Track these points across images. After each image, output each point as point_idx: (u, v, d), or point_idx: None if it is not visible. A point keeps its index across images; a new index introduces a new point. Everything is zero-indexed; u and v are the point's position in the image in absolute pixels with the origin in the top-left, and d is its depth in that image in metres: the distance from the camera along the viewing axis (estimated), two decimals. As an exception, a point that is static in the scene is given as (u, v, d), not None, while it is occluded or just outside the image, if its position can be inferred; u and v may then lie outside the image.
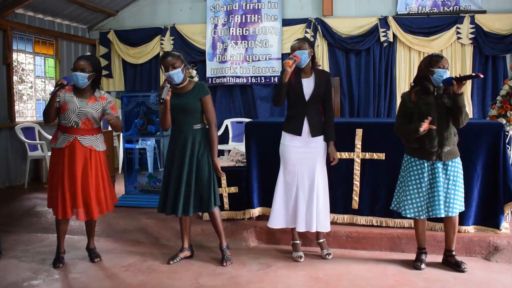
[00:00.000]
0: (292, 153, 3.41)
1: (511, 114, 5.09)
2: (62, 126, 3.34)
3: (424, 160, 3.20)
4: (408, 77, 6.77)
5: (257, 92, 7.22)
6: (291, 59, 3.20)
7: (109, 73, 7.76)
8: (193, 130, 3.35)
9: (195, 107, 3.34)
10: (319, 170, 3.42)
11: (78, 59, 3.33)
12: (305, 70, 3.39)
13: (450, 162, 3.17)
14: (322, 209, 3.45)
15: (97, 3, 7.12)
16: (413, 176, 3.24)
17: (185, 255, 3.54)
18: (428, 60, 3.17)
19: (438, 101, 3.12)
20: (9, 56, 6.08)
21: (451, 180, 3.17)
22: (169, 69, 3.26)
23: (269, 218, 3.52)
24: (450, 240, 3.30)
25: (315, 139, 3.41)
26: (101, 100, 3.42)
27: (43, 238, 4.13)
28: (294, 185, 3.42)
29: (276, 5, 7.10)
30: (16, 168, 6.25)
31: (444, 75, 3.06)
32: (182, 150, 3.33)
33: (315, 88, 3.37)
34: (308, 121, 3.37)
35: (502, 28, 6.39)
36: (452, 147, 3.16)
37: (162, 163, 4.97)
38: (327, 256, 3.53)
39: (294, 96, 3.38)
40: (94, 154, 3.38)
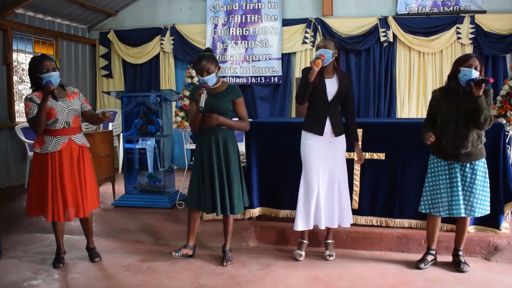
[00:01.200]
0: (314, 152, 3.39)
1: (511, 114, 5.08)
2: (52, 130, 3.26)
3: (442, 160, 3.20)
4: (408, 77, 6.78)
5: (257, 92, 7.22)
6: (319, 58, 3.17)
7: (109, 73, 7.76)
8: (221, 131, 3.36)
9: (226, 108, 3.36)
10: (340, 168, 3.44)
11: (43, 60, 3.23)
12: (327, 70, 3.37)
13: (469, 164, 3.13)
14: (345, 205, 3.47)
15: (97, 3, 7.12)
16: (431, 174, 3.26)
17: (187, 252, 3.53)
18: (458, 58, 3.15)
19: (461, 101, 3.07)
20: (9, 56, 6.08)
21: (467, 182, 3.14)
22: (204, 74, 3.26)
23: (295, 221, 3.47)
24: (459, 239, 3.31)
25: (337, 138, 3.42)
26: (75, 95, 3.42)
27: (43, 238, 4.13)
28: (316, 184, 3.40)
29: (276, 5, 7.10)
30: (16, 168, 6.25)
31: (469, 74, 2.98)
32: (210, 149, 3.34)
33: (339, 89, 3.37)
34: (330, 121, 3.37)
35: (502, 28, 6.39)
36: (471, 149, 3.09)
37: (162, 163, 4.97)
38: (329, 257, 3.53)
39: (316, 96, 3.36)
40: (85, 150, 3.40)
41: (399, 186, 3.84)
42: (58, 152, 3.26)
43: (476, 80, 2.94)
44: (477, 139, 3.11)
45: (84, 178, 3.35)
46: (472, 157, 3.12)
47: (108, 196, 5.28)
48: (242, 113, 3.44)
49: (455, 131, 3.07)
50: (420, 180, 3.48)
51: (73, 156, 3.30)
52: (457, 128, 3.07)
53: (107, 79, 7.82)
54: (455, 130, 3.07)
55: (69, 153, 3.29)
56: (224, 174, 3.34)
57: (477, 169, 3.14)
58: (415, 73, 6.76)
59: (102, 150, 4.95)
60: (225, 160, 3.35)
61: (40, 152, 3.27)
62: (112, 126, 7.19)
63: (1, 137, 6.02)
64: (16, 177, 6.23)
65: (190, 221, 3.52)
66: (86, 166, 3.38)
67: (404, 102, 6.80)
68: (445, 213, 3.22)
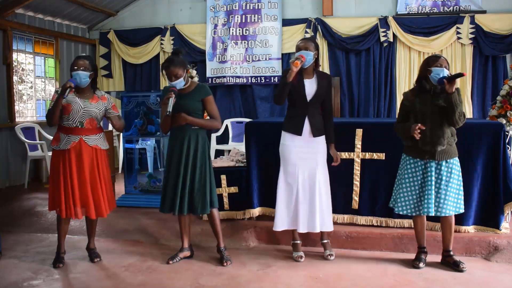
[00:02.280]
0: (293, 153, 3.41)
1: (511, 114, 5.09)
2: (65, 127, 3.32)
3: (418, 159, 3.22)
4: (408, 77, 6.78)
5: (257, 92, 7.22)
6: (298, 59, 3.20)
7: (109, 73, 7.76)
8: (192, 130, 3.36)
9: (195, 108, 3.36)
10: (320, 170, 3.42)
11: (77, 59, 3.35)
12: (307, 71, 3.39)
13: (444, 162, 3.17)
14: (325, 209, 3.45)
15: (97, 3, 7.12)
16: (407, 174, 3.27)
17: (184, 255, 3.54)
18: (427, 59, 3.24)
19: (434, 100, 3.14)
20: (9, 56, 6.08)
21: (443, 180, 3.17)
22: (172, 79, 3.28)
23: (274, 221, 3.50)
24: (447, 240, 3.31)
25: (316, 139, 3.41)
26: (102, 100, 3.44)
27: (43, 238, 4.13)
28: (295, 186, 3.42)
29: (276, 5, 7.10)
30: (16, 168, 6.25)
31: (441, 73, 3.07)
32: (180, 149, 3.35)
33: (318, 89, 3.38)
34: (309, 121, 3.38)
35: (502, 28, 6.39)
36: (447, 147, 3.15)
37: (162, 163, 4.97)
38: (329, 257, 3.53)
39: (295, 96, 3.38)
40: (99, 153, 3.41)
41: (399, 186, 3.84)
42: (68, 150, 3.29)
43: (449, 76, 3.01)
44: (451, 136, 3.18)
45: (99, 179, 3.36)
46: (447, 155, 3.16)
47: (108, 196, 5.27)
48: (212, 111, 3.42)
49: (431, 129, 3.12)
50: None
51: (83, 156, 3.30)
52: (432, 126, 3.12)
53: (107, 79, 7.82)
54: (431, 128, 3.12)
55: (77, 153, 3.30)
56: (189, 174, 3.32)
57: (452, 167, 3.18)
58: (415, 73, 6.75)
59: (102, 150, 4.94)
60: (193, 159, 3.34)
61: (55, 148, 3.35)
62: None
63: (1, 137, 6.02)
64: (16, 177, 6.23)
65: (179, 223, 3.53)
66: (100, 168, 3.39)
67: (404, 102, 6.79)
68: (414, 212, 3.25)
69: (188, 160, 3.34)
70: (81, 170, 3.30)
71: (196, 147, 3.36)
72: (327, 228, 3.50)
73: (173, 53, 3.42)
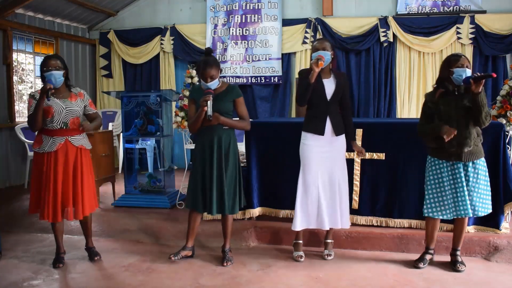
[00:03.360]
0: (314, 153, 3.40)
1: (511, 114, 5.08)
2: (49, 129, 3.27)
3: (443, 160, 3.18)
4: (408, 77, 6.78)
5: (257, 92, 7.22)
6: (320, 59, 3.20)
7: (109, 73, 7.76)
8: (224, 131, 3.37)
9: (226, 109, 3.36)
10: (340, 169, 3.44)
11: (47, 59, 3.28)
12: (325, 71, 3.39)
13: (471, 163, 3.13)
14: (344, 206, 3.47)
15: (97, 3, 7.12)
16: (432, 176, 3.23)
17: (186, 253, 3.53)
18: (447, 60, 3.16)
19: (458, 101, 3.09)
20: (9, 56, 6.08)
21: (471, 182, 3.13)
22: (207, 80, 3.27)
23: (293, 221, 3.48)
24: (457, 239, 3.31)
25: (338, 138, 3.43)
26: (80, 96, 3.41)
27: (43, 238, 4.13)
28: (316, 185, 3.40)
29: (276, 5, 7.10)
30: (16, 168, 6.25)
31: (464, 74, 3.01)
32: (212, 149, 3.34)
33: (336, 88, 3.39)
34: (330, 120, 3.39)
35: (502, 28, 6.39)
36: (473, 147, 3.10)
37: (162, 163, 4.97)
38: (327, 256, 3.53)
39: (316, 96, 3.37)
40: (84, 153, 3.39)
41: (399, 186, 3.84)
42: (54, 152, 3.26)
43: (476, 77, 2.94)
44: (477, 137, 3.13)
45: (81, 180, 3.34)
46: (474, 155, 3.12)
47: (108, 196, 5.27)
48: (243, 113, 3.44)
49: (457, 130, 3.06)
50: (420, 180, 3.48)
51: (69, 157, 3.29)
52: (458, 127, 3.06)
53: (107, 79, 7.82)
54: (457, 129, 3.06)
55: (64, 154, 3.28)
56: (223, 174, 3.34)
57: (479, 168, 3.14)
58: (415, 73, 6.76)
59: (102, 150, 4.95)
60: (225, 160, 3.35)
61: (38, 151, 3.29)
62: (112, 126, 7.19)
63: (1, 137, 6.03)
64: (16, 177, 6.24)
65: (190, 221, 3.51)
66: (84, 168, 3.37)
67: (404, 102, 6.80)
68: (452, 215, 3.20)
69: (221, 160, 3.33)
70: (67, 172, 3.28)
71: (227, 148, 3.36)
72: (345, 225, 3.51)
73: (206, 54, 3.40)
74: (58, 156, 3.26)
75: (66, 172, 3.28)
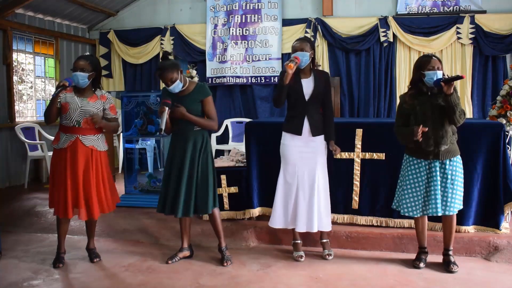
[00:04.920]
0: (293, 152, 3.42)
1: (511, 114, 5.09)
2: (64, 126, 3.34)
3: (421, 159, 3.22)
4: (408, 77, 6.75)
5: (257, 92, 7.22)
6: (293, 61, 3.20)
7: (109, 73, 7.76)
8: (193, 132, 3.36)
9: (195, 109, 3.34)
10: (319, 170, 3.43)
11: (77, 59, 3.34)
12: (304, 71, 3.41)
13: (448, 160, 3.17)
14: (324, 208, 3.45)
15: (97, 3, 7.12)
16: (411, 175, 3.26)
17: (184, 255, 3.54)
18: (418, 62, 3.20)
19: (433, 101, 3.14)
20: (9, 56, 6.08)
21: (449, 179, 3.17)
22: (169, 84, 3.27)
23: (270, 218, 3.53)
24: (447, 239, 3.31)
25: (315, 138, 3.42)
26: (102, 99, 3.43)
27: (43, 238, 4.13)
28: (294, 185, 3.43)
29: (276, 5, 7.10)
30: (16, 168, 6.25)
31: (435, 77, 3.06)
32: (182, 151, 3.34)
33: (315, 88, 3.38)
34: (308, 120, 3.39)
35: (502, 28, 6.39)
36: (450, 145, 3.16)
37: (162, 163, 4.97)
38: (328, 256, 3.54)
39: (294, 97, 3.39)
40: (95, 154, 3.38)
41: (399, 186, 3.84)
42: (65, 149, 3.30)
43: (446, 79, 2.99)
44: (452, 135, 3.18)
45: (95, 180, 3.34)
46: (450, 153, 3.17)
47: (108, 196, 5.27)
48: (210, 112, 3.40)
49: (433, 130, 3.11)
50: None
51: (78, 156, 3.29)
52: (434, 126, 3.11)
53: (107, 79, 7.80)
54: (433, 128, 3.11)
55: (73, 152, 3.29)
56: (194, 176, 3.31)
57: (456, 165, 3.19)
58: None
59: (102, 150, 4.94)
60: (195, 160, 3.33)
61: (56, 147, 3.37)
62: (112, 126, 7.18)
63: (1, 137, 6.02)
64: (16, 177, 6.23)
65: (180, 224, 3.53)
66: (96, 169, 3.36)
67: (404, 102, 6.79)
68: (419, 213, 3.24)
69: (193, 162, 3.33)
70: (75, 170, 3.29)
71: (197, 148, 3.35)
72: (325, 228, 3.50)
73: (162, 58, 3.41)
74: (67, 154, 3.29)
75: (74, 171, 3.29)
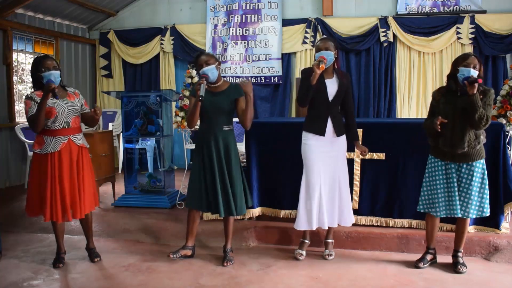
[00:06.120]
0: (316, 152, 3.39)
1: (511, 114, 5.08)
2: (51, 130, 3.25)
3: (438, 159, 3.20)
4: (408, 77, 6.78)
5: (257, 92, 7.21)
6: (321, 62, 3.16)
7: (109, 73, 7.77)
8: (222, 131, 3.35)
9: (228, 107, 3.35)
10: (342, 169, 3.45)
11: (44, 59, 3.25)
12: (327, 71, 3.36)
13: (465, 164, 3.12)
14: (346, 204, 3.48)
15: (97, 3, 7.12)
16: (428, 173, 3.26)
17: (186, 253, 3.53)
18: (456, 58, 3.14)
19: (459, 101, 3.07)
20: (9, 56, 6.08)
21: (463, 183, 3.13)
22: (203, 66, 3.27)
23: (296, 220, 3.48)
24: (458, 241, 3.31)
25: (338, 138, 3.42)
26: (76, 96, 3.42)
27: (43, 238, 4.13)
28: (318, 185, 3.39)
29: (276, 5, 7.10)
30: (16, 168, 6.25)
31: (467, 74, 2.97)
32: (211, 150, 3.33)
33: (339, 89, 3.37)
34: (331, 121, 3.38)
35: (502, 28, 6.39)
36: (468, 149, 3.07)
37: (162, 163, 4.97)
38: (328, 256, 3.54)
39: (317, 97, 3.36)
40: (84, 151, 3.39)
41: (399, 186, 3.84)
42: (58, 152, 3.25)
43: (470, 79, 2.94)
44: (475, 139, 3.08)
45: (82, 178, 3.33)
46: (468, 158, 3.10)
47: (108, 196, 5.28)
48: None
49: (452, 131, 3.07)
50: (420, 180, 3.48)
51: (72, 156, 3.29)
52: (454, 127, 3.07)
53: (107, 79, 7.82)
54: (452, 129, 3.07)
55: (68, 153, 3.28)
56: (226, 175, 3.33)
57: (474, 170, 3.11)
58: (415, 73, 6.77)
59: (102, 150, 4.95)
60: (227, 160, 3.35)
61: (40, 152, 3.25)
62: (112, 126, 7.19)
63: (1, 137, 6.03)
64: (16, 177, 6.24)
65: (189, 221, 3.51)
66: (85, 166, 3.37)
67: (404, 102, 6.81)
68: (443, 213, 3.22)
69: (222, 161, 3.32)
70: (72, 171, 3.28)
71: (227, 147, 3.35)
72: (348, 222, 3.52)
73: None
74: (62, 156, 3.25)
75: (72, 171, 3.28)
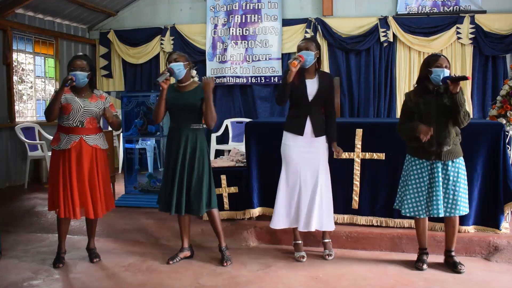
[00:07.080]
0: (295, 153, 3.41)
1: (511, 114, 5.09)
2: (65, 127, 3.32)
3: (424, 160, 3.21)
4: (408, 77, 6.78)
5: (257, 92, 7.22)
6: (296, 59, 3.20)
7: (109, 73, 7.76)
8: (191, 130, 3.36)
9: (195, 106, 3.35)
10: (322, 170, 3.42)
11: (74, 59, 3.33)
12: (309, 71, 3.39)
13: (451, 162, 3.17)
14: (326, 208, 3.45)
15: (97, 3, 7.12)
16: (413, 176, 3.25)
17: (184, 255, 3.54)
18: (427, 60, 3.21)
19: (438, 100, 3.13)
20: (9, 56, 6.08)
21: (451, 181, 3.16)
22: (171, 62, 3.35)
23: (272, 219, 3.52)
24: (449, 241, 3.31)
25: (317, 139, 3.41)
26: (101, 99, 3.44)
27: (43, 238, 4.13)
28: (297, 185, 3.42)
29: (276, 5, 7.10)
30: (16, 168, 6.25)
31: (442, 74, 3.05)
32: (178, 148, 3.35)
33: (319, 89, 3.38)
34: (311, 121, 3.38)
35: (502, 28, 6.39)
36: (452, 146, 3.15)
37: (162, 163, 4.97)
38: (328, 256, 3.53)
39: (297, 96, 3.38)
40: (99, 152, 3.41)
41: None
42: (68, 150, 3.29)
43: (453, 78, 2.98)
44: (456, 136, 3.17)
45: (94, 179, 3.35)
46: (453, 155, 3.16)
47: (108, 196, 5.27)
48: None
49: (436, 130, 3.10)
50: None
51: (83, 156, 3.30)
52: (438, 126, 3.11)
53: (107, 79, 7.81)
54: (436, 128, 3.10)
55: (78, 152, 3.30)
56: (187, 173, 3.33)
57: (459, 167, 3.18)
58: (415, 73, 6.75)
59: (102, 150, 4.95)
60: (191, 159, 3.34)
61: (56, 148, 3.34)
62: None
63: (1, 137, 6.02)
64: (16, 177, 6.23)
65: (179, 223, 3.53)
66: (100, 167, 3.39)
67: (404, 102, 6.80)
68: (423, 214, 3.23)
69: (186, 160, 3.33)
70: (81, 170, 3.30)
71: (194, 147, 3.35)
72: (327, 227, 3.50)
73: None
74: (72, 154, 3.29)
75: (80, 171, 3.30)
